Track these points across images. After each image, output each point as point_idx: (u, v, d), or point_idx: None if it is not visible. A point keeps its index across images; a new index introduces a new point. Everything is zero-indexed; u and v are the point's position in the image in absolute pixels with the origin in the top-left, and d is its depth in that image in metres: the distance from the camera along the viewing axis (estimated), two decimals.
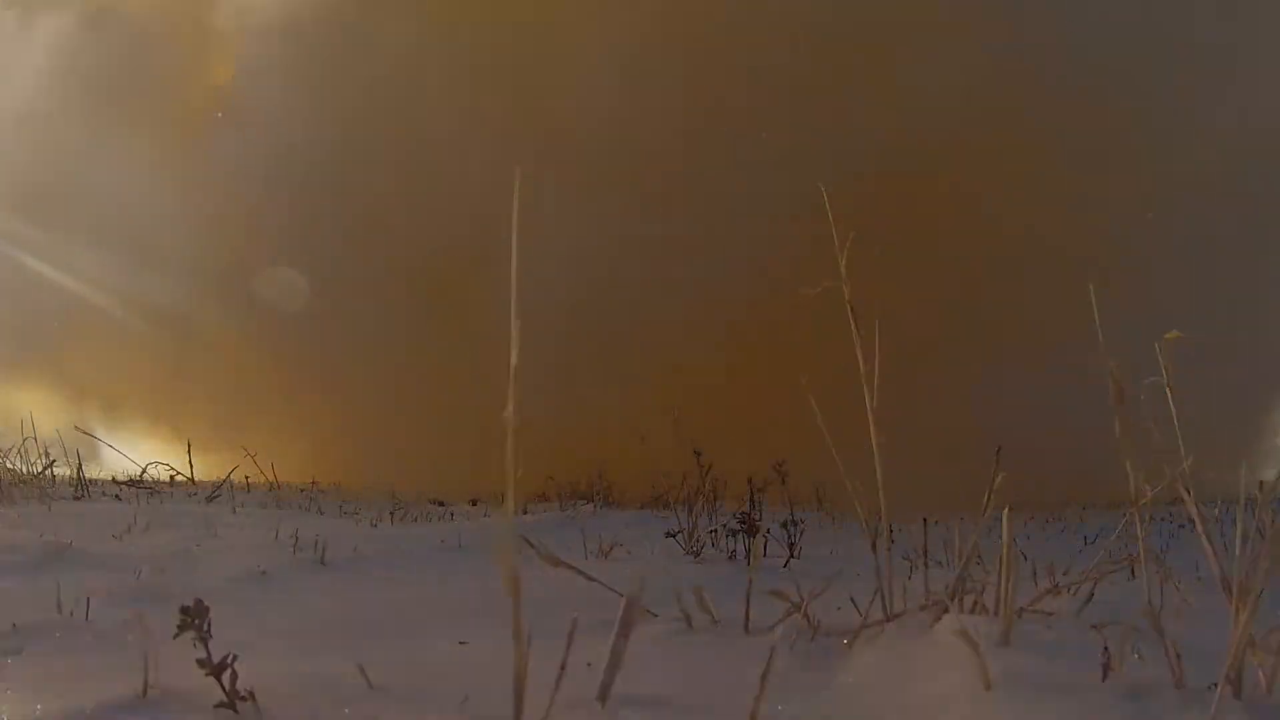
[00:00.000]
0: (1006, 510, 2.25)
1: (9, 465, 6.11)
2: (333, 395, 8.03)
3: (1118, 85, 6.71)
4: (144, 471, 6.71)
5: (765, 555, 4.01)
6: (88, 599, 2.71)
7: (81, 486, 5.83)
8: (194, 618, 1.81)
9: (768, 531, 4.02)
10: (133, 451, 7.27)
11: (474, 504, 6.25)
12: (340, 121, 7.77)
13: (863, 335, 2.57)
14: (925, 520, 3.49)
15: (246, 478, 6.55)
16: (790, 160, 6.69)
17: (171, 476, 6.90)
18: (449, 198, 7.44)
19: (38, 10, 9.05)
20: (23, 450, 6.25)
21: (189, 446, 6.92)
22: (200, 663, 1.80)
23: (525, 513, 5.34)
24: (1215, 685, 1.79)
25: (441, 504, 6.19)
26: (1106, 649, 1.82)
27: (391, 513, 5.44)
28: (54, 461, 6.19)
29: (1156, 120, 6.73)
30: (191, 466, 6.88)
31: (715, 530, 4.10)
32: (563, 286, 6.93)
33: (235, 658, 1.83)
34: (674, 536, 4.06)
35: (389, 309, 7.85)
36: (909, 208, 6.74)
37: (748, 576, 2.66)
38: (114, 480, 6.43)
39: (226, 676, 1.82)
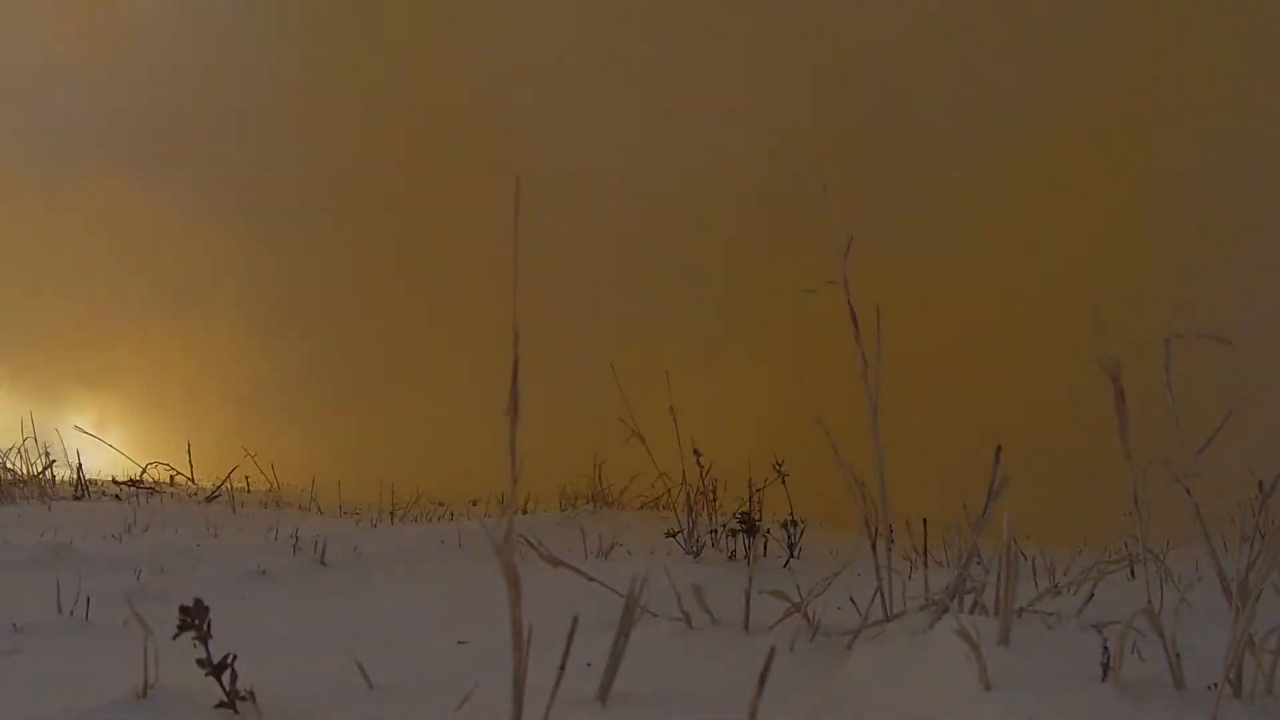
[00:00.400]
0: (1006, 512, 2.25)
1: (9, 465, 6.11)
2: (333, 395, 8.02)
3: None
4: (144, 471, 6.71)
5: (765, 555, 4.02)
6: (88, 599, 2.71)
7: (81, 486, 5.83)
8: (194, 618, 1.81)
9: (768, 531, 4.03)
10: (132, 451, 7.27)
11: (474, 504, 6.25)
12: (336, 104, 7.64)
13: (863, 334, 2.58)
14: (925, 520, 3.50)
15: (246, 477, 6.55)
16: (794, 152, 6.68)
17: (171, 476, 6.91)
18: (452, 193, 7.42)
19: None
20: (23, 450, 6.26)
21: (189, 446, 6.93)
22: (200, 663, 1.80)
23: (525, 512, 5.34)
24: (1215, 685, 1.79)
25: (442, 504, 6.19)
26: (1106, 649, 1.82)
27: (391, 513, 5.44)
28: (54, 461, 6.19)
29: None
30: (191, 466, 6.88)
31: (715, 530, 4.10)
32: (561, 285, 6.94)
33: (235, 658, 1.83)
34: (674, 536, 4.06)
35: (389, 306, 7.85)
36: (912, 205, 6.74)
37: (748, 576, 2.66)
38: (114, 480, 6.43)
39: (226, 676, 1.82)
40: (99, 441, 6.80)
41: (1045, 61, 6.69)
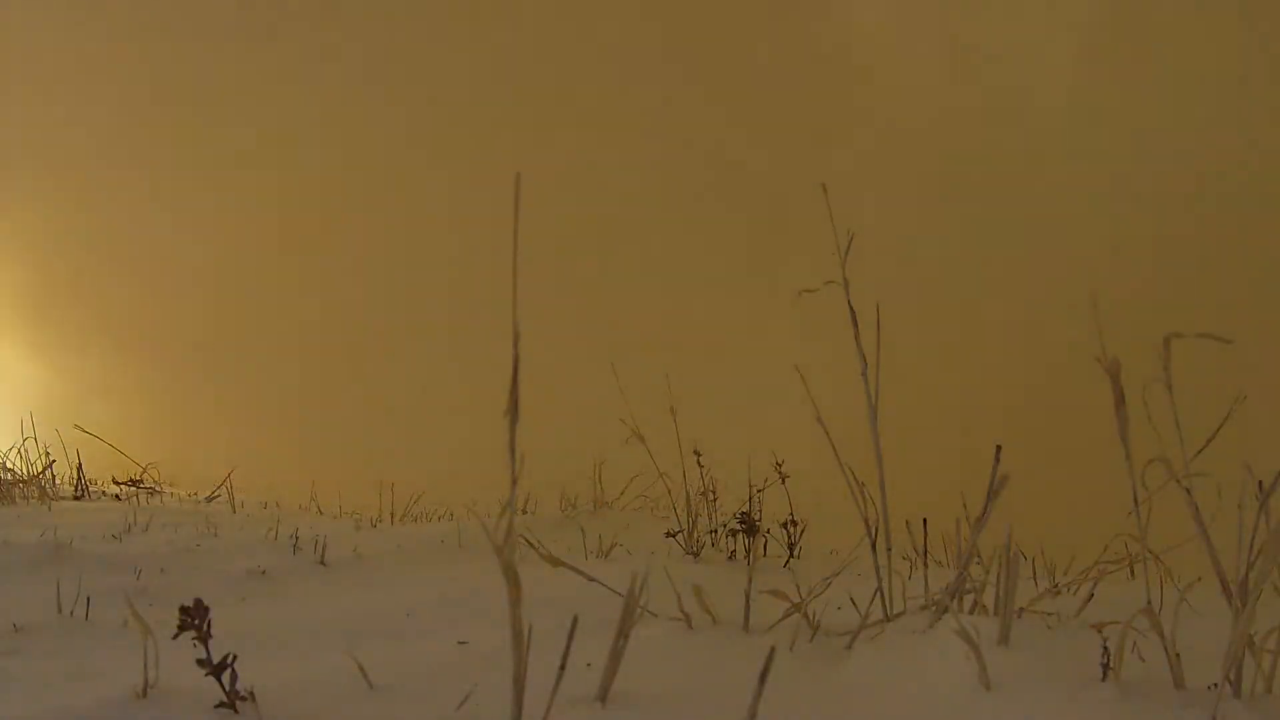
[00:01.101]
0: (1006, 513, 2.25)
1: (9, 465, 6.11)
2: (333, 394, 8.02)
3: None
4: (144, 471, 6.71)
5: (765, 555, 4.02)
6: (88, 599, 2.71)
7: (81, 486, 5.83)
8: (194, 618, 1.81)
9: (768, 531, 4.03)
10: (132, 450, 7.26)
11: (474, 504, 6.25)
12: (337, 101, 7.63)
13: (863, 333, 2.58)
14: (925, 520, 3.49)
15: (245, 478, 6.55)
16: (791, 146, 6.68)
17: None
18: (446, 190, 7.42)
19: None
20: (23, 450, 6.26)
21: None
22: (200, 663, 1.80)
23: (525, 512, 5.34)
24: (1215, 685, 1.79)
25: (441, 504, 6.18)
26: (1106, 649, 1.82)
27: (391, 513, 5.44)
28: (54, 461, 6.19)
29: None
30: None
31: (715, 530, 4.10)
32: (561, 284, 6.95)
33: (235, 658, 1.83)
34: (674, 536, 4.06)
35: (388, 307, 7.85)
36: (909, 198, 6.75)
37: (748, 576, 2.66)
38: (114, 480, 6.43)
39: (226, 676, 1.82)
40: (99, 441, 6.79)
41: (1045, 60, 6.71)
